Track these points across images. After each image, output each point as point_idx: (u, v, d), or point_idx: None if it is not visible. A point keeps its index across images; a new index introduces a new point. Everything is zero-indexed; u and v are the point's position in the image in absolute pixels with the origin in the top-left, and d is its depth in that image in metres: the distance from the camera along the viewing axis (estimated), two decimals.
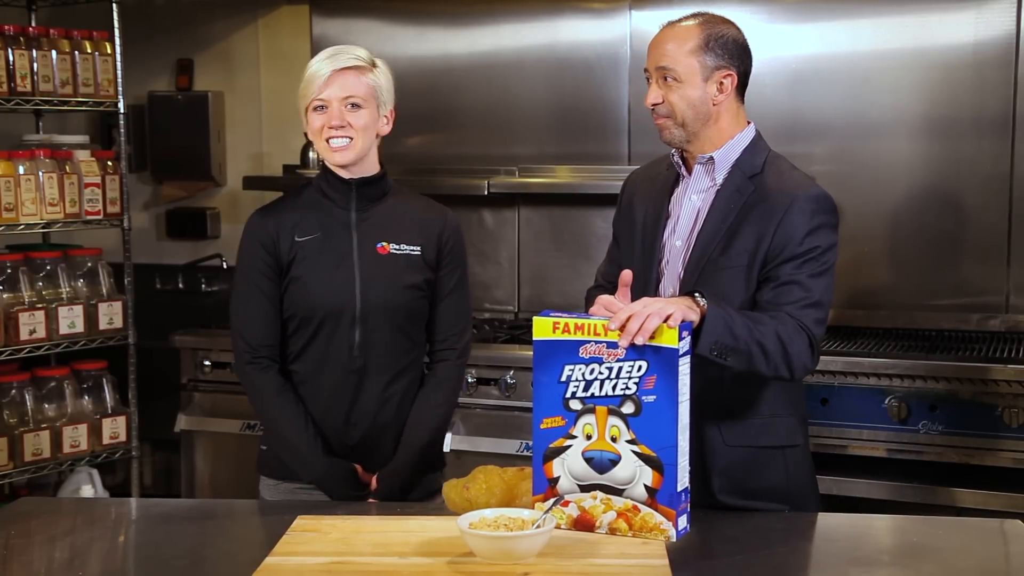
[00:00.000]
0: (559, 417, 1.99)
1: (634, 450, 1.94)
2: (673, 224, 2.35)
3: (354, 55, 2.43)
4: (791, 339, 2.15)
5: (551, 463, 2.01)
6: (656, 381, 1.92)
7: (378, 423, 2.48)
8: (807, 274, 2.21)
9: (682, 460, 1.94)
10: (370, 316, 2.45)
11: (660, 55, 2.28)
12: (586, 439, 1.98)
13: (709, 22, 2.29)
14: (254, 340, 2.46)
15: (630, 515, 1.96)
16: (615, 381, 1.95)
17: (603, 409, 1.96)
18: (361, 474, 2.47)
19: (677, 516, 1.94)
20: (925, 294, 3.76)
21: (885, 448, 3.29)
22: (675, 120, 2.28)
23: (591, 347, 1.96)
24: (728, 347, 2.07)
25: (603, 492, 1.98)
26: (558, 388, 1.99)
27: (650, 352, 1.93)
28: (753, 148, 2.33)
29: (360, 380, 2.46)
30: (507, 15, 4.13)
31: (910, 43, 3.73)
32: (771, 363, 2.14)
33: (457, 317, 2.54)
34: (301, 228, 2.47)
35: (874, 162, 3.77)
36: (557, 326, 1.98)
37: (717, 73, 2.26)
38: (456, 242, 2.54)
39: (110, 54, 3.77)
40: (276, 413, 2.46)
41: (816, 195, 2.26)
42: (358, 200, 2.49)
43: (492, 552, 1.89)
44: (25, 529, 2.17)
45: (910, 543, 2.12)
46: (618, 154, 4.04)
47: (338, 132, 2.41)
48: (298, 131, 4.28)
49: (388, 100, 2.47)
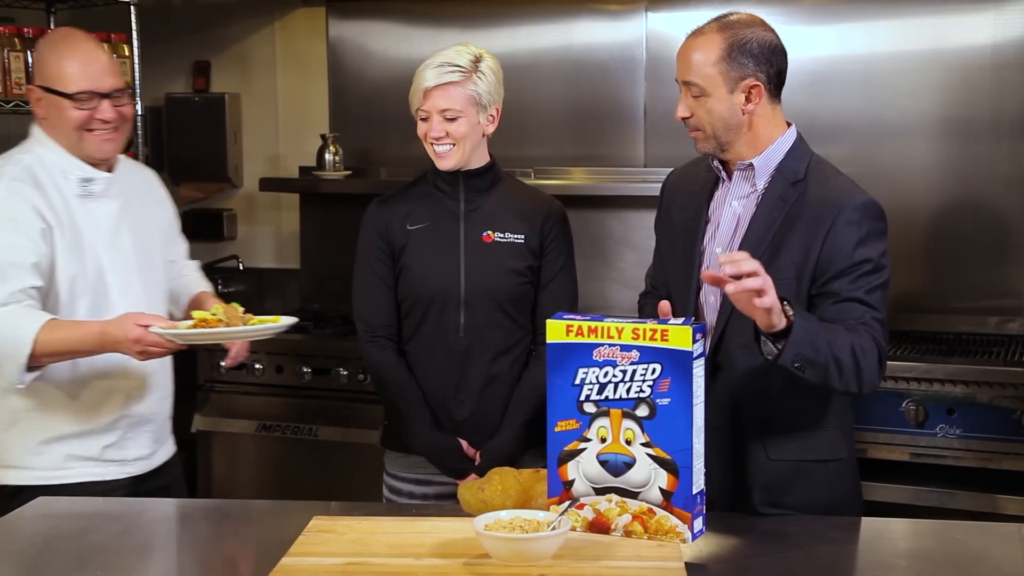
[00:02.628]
0: (573, 420, 1.99)
1: (649, 453, 1.94)
2: (713, 230, 2.30)
3: (455, 67, 2.52)
4: (864, 354, 2.11)
5: (566, 466, 2.01)
6: (670, 384, 1.91)
7: (484, 401, 2.62)
8: (864, 289, 2.16)
9: (697, 463, 1.94)
10: (474, 300, 2.60)
11: (685, 68, 2.22)
12: (600, 442, 1.98)
13: (732, 27, 2.21)
14: (371, 321, 2.65)
15: (645, 518, 1.96)
16: (629, 384, 1.94)
17: (617, 412, 1.96)
18: (466, 448, 2.62)
19: (693, 518, 1.93)
20: (943, 297, 3.74)
21: (902, 452, 3.27)
22: (705, 132, 2.24)
23: (605, 350, 1.96)
24: (809, 360, 2.04)
25: (618, 495, 1.97)
26: (572, 391, 1.98)
27: (664, 354, 1.92)
28: (795, 153, 2.26)
29: (466, 360, 2.61)
30: (523, 17, 4.13)
31: (928, 45, 3.71)
32: (844, 378, 2.09)
33: (559, 302, 2.63)
34: (413, 217, 2.63)
35: (892, 164, 3.75)
36: (571, 329, 1.98)
37: (743, 83, 2.19)
38: (559, 231, 2.66)
39: (128, 56, 3.79)
40: (390, 389, 2.64)
41: (863, 203, 2.20)
42: (466, 191, 2.62)
43: (507, 554, 1.89)
44: (43, 528, 2.18)
45: (927, 547, 2.11)
46: (634, 156, 4.03)
47: (439, 141, 2.55)
48: (314, 133, 4.30)
49: (490, 102, 2.57)
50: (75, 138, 2.53)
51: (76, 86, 2.49)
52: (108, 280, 2.55)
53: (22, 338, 2.34)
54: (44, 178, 2.51)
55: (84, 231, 2.53)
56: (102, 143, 2.54)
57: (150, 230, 2.71)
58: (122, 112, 2.55)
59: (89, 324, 2.42)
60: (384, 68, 4.27)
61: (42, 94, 2.53)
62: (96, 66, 2.52)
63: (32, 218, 2.45)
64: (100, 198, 2.57)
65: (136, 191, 2.70)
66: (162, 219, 2.79)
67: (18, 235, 2.43)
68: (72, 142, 2.53)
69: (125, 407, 2.59)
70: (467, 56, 2.54)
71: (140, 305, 2.53)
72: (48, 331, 2.36)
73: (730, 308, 2.22)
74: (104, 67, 2.53)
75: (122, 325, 2.34)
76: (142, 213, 2.69)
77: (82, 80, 2.49)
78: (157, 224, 2.76)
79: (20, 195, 2.46)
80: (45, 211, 2.48)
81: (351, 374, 3.73)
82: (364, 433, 3.64)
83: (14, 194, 2.46)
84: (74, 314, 2.50)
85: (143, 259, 2.64)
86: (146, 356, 2.36)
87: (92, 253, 2.54)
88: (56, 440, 2.53)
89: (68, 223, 2.51)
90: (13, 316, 2.37)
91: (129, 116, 2.59)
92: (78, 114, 2.50)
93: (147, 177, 2.82)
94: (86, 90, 2.49)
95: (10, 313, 2.38)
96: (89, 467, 2.55)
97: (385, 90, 4.24)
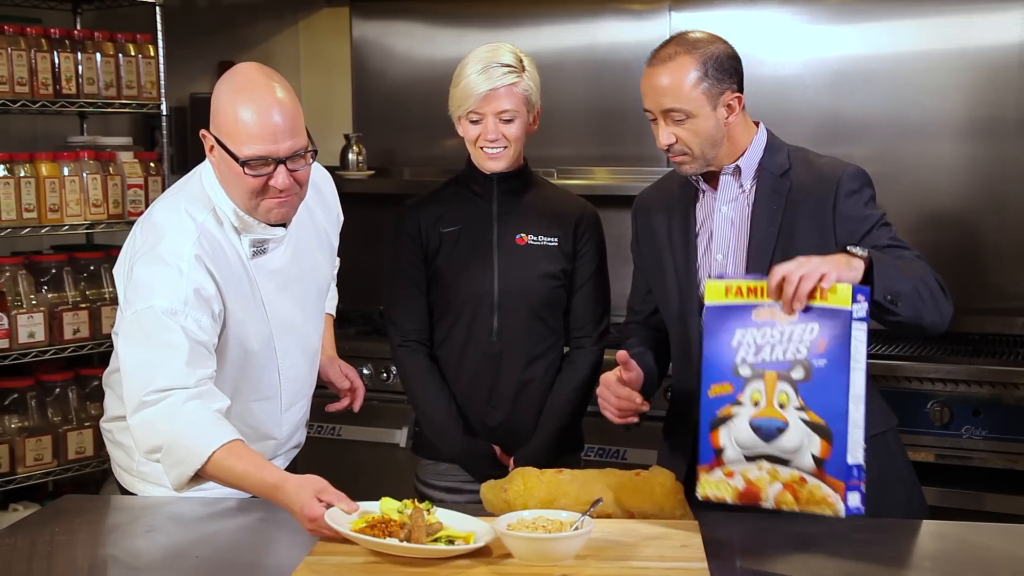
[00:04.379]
0: (728, 384, 1.93)
1: (802, 417, 1.86)
2: (706, 239, 2.31)
3: (507, 68, 2.49)
4: (940, 282, 2.11)
5: (717, 431, 1.95)
6: (827, 345, 1.84)
7: (517, 406, 2.60)
8: (889, 236, 2.18)
9: (854, 432, 1.84)
10: (507, 304, 2.57)
11: (661, 96, 2.21)
12: (753, 406, 1.91)
13: (697, 46, 2.20)
14: (404, 325, 2.63)
15: (796, 487, 1.88)
16: (786, 345, 1.88)
17: (772, 374, 1.89)
18: (499, 455, 2.61)
19: (847, 490, 1.83)
20: (968, 297, 3.71)
21: (927, 453, 3.25)
22: (692, 155, 2.24)
23: (764, 310, 1.91)
24: (898, 292, 2.00)
25: (769, 462, 1.90)
26: (728, 353, 1.93)
27: (822, 314, 1.85)
28: (772, 147, 2.30)
29: (499, 364, 2.59)
30: (546, 16, 4.14)
31: (954, 43, 3.69)
32: (931, 307, 2.07)
33: (594, 305, 2.62)
34: (446, 220, 2.60)
35: (917, 164, 3.73)
36: (729, 289, 1.93)
37: (723, 97, 2.21)
38: (592, 234, 2.63)
39: (153, 56, 3.81)
40: (421, 394, 2.62)
41: (855, 172, 2.25)
42: (500, 194, 2.60)
43: (530, 553, 1.89)
44: (69, 526, 2.19)
45: (952, 549, 2.10)
46: (656, 156, 4.01)
47: (493, 144, 2.51)
48: (338, 133, 4.32)
49: (536, 100, 2.56)
50: (248, 201, 2.23)
51: (249, 151, 2.16)
52: (275, 340, 2.36)
53: (199, 449, 2.08)
54: (222, 240, 2.26)
55: (258, 291, 2.32)
56: (274, 210, 2.24)
57: (318, 261, 2.49)
58: (297, 178, 2.22)
59: (267, 470, 2.09)
60: (407, 68, 4.28)
61: (214, 142, 2.22)
62: (272, 126, 2.16)
63: (213, 299, 2.21)
64: (272, 253, 2.34)
65: (308, 215, 2.44)
66: (331, 235, 2.55)
67: (205, 312, 2.19)
68: (244, 204, 2.24)
69: (274, 451, 2.46)
70: (511, 55, 2.52)
71: (298, 359, 2.40)
72: (225, 454, 2.08)
73: None
74: (281, 127, 2.16)
75: (300, 494, 2.01)
76: (312, 246, 2.46)
77: (256, 143, 2.16)
78: (325, 246, 2.52)
79: (205, 269, 2.21)
80: (222, 285, 2.24)
81: (375, 373, 3.74)
82: (388, 433, 3.65)
83: (198, 268, 2.20)
84: (224, 364, 2.27)
85: (308, 304, 2.44)
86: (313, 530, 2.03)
87: (263, 314, 2.33)
88: None
89: (244, 287, 2.29)
90: (199, 418, 2.11)
91: (305, 181, 2.25)
92: (250, 181, 2.19)
93: (319, 184, 2.51)
94: (260, 156, 2.17)
95: (198, 413, 2.11)
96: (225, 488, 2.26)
97: (408, 90, 4.25)
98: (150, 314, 2.15)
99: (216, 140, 2.21)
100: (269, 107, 2.16)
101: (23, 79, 3.47)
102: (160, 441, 2.11)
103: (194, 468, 2.08)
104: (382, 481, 3.61)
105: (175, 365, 2.12)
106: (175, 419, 2.09)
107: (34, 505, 3.52)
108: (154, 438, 2.12)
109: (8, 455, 3.45)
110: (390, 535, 1.92)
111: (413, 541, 1.91)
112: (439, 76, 2.58)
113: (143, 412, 2.12)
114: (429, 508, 2.00)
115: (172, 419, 2.09)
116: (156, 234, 2.25)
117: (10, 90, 3.45)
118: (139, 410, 2.12)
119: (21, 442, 3.47)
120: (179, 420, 2.09)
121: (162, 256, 2.20)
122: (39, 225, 3.50)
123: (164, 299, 2.15)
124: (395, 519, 1.97)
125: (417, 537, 1.92)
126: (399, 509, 1.99)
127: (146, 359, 2.14)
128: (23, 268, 3.52)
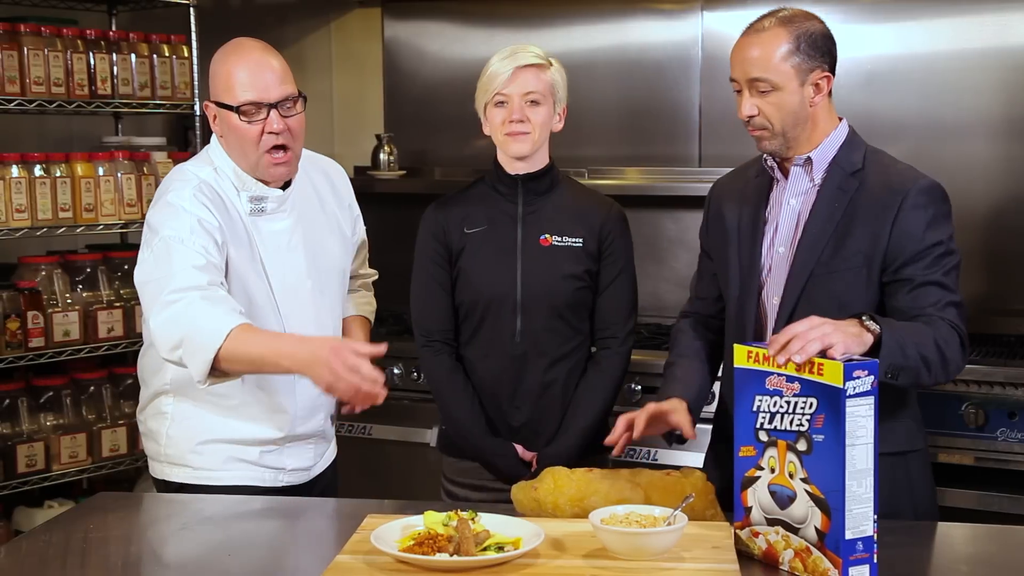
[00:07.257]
0: (752, 447, 1.95)
1: (807, 489, 1.87)
2: (772, 231, 2.28)
3: (533, 53, 2.53)
4: (947, 344, 2.09)
5: (746, 492, 1.97)
6: (824, 420, 1.84)
7: (541, 406, 2.60)
8: (941, 272, 2.15)
9: (854, 507, 1.83)
10: (531, 305, 2.56)
11: (749, 65, 2.18)
12: (771, 472, 1.93)
13: (793, 20, 2.18)
14: (428, 325, 2.63)
15: (804, 556, 1.89)
16: (792, 416, 1.89)
17: (783, 444, 1.90)
18: (522, 453, 2.60)
19: (845, 565, 1.83)
20: (1003, 298, 3.68)
21: (962, 456, 3.22)
22: (773, 130, 2.20)
23: (774, 379, 1.91)
24: (900, 367, 2.02)
25: (784, 528, 1.92)
26: (751, 418, 1.95)
27: (818, 389, 1.85)
28: (850, 144, 2.25)
29: (522, 365, 2.58)
30: (577, 16, 4.13)
31: (990, 43, 3.65)
32: (932, 373, 2.08)
33: (619, 307, 2.62)
34: (470, 220, 2.61)
35: (952, 164, 3.69)
36: (751, 355, 1.95)
37: (813, 75, 2.18)
38: (618, 234, 2.62)
39: (187, 57, 3.84)
40: (445, 394, 2.62)
41: (927, 186, 2.19)
42: (524, 194, 2.59)
43: (626, 548, 1.89)
44: (103, 523, 2.21)
45: (989, 552, 2.08)
46: (688, 156, 4.01)
47: (518, 127, 2.50)
48: (369, 133, 4.33)
49: (562, 98, 2.57)
50: (252, 159, 2.39)
51: (243, 97, 2.35)
52: (278, 301, 2.44)
53: (216, 330, 2.18)
54: (221, 192, 2.41)
55: (257, 249, 2.42)
56: (273, 168, 2.40)
57: (328, 243, 2.56)
58: (290, 125, 2.38)
59: (288, 335, 2.28)
60: (439, 68, 4.28)
61: (216, 110, 2.40)
62: (261, 74, 2.37)
63: (215, 230, 2.34)
64: (272, 215, 2.45)
65: (316, 196, 2.56)
66: (343, 224, 2.62)
67: (209, 240, 2.32)
68: (249, 163, 2.40)
69: (291, 427, 2.49)
70: (539, 49, 2.55)
71: (309, 329, 2.42)
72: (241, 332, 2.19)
73: (790, 310, 2.20)
74: (270, 75, 2.37)
75: (328, 341, 2.17)
76: (319, 224, 2.55)
77: (248, 90, 2.35)
78: (336, 232, 2.60)
79: (205, 206, 2.35)
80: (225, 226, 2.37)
81: (405, 372, 3.75)
82: (418, 432, 3.66)
83: (199, 205, 2.35)
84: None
85: (317, 278, 2.50)
86: (333, 388, 2.12)
87: (262, 273, 2.43)
88: (216, 441, 2.44)
89: (243, 241, 2.41)
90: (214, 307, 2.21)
91: (298, 131, 2.42)
92: (247, 129, 2.36)
93: (331, 174, 2.66)
94: (252, 101, 2.35)
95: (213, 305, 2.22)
96: (247, 470, 2.45)
97: (440, 90, 4.25)
98: (161, 244, 2.31)
99: (215, 104, 2.40)
100: (257, 59, 2.39)
101: (59, 80, 3.51)
102: (180, 334, 2.21)
103: (214, 349, 2.17)
104: (412, 480, 3.64)
105: (189, 272, 2.26)
106: (191, 311, 2.21)
107: (69, 502, 3.56)
108: (174, 332, 2.22)
109: (43, 452, 3.48)
110: (439, 551, 1.88)
111: (463, 554, 1.87)
112: (470, 76, 2.58)
113: (163, 313, 2.24)
114: (474, 517, 1.95)
115: (189, 312, 2.21)
116: (162, 189, 2.44)
117: (47, 91, 3.48)
118: (159, 312, 2.24)
119: (56, 439, 3.51)
120: (195, 311, 2.21)
121: (168, 201, 2.37)
122: (74, 225, 3.53)
123: (171, 230, 2.31)
124: (441, 533, 1.92)
125: (467, 549, 1.88)
126: (444, 521, 1.94)
127: (163, 272, 2.28)
128: (58, 267, 3.55)
